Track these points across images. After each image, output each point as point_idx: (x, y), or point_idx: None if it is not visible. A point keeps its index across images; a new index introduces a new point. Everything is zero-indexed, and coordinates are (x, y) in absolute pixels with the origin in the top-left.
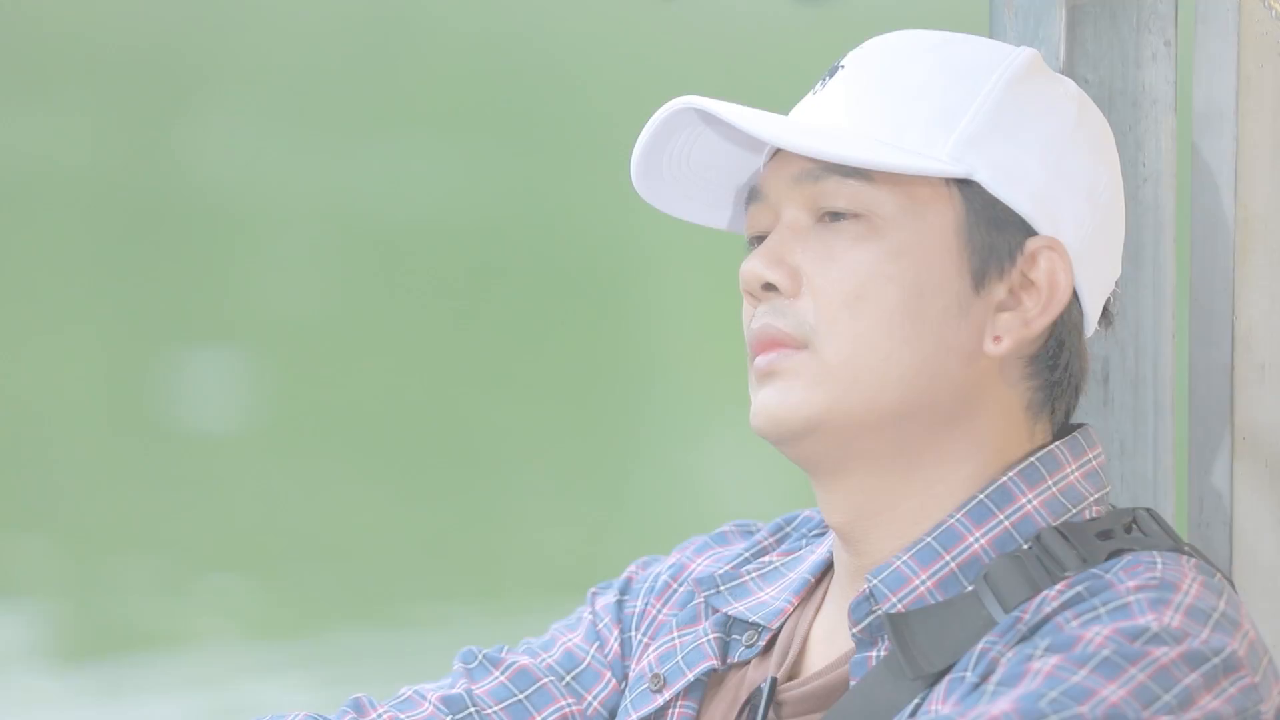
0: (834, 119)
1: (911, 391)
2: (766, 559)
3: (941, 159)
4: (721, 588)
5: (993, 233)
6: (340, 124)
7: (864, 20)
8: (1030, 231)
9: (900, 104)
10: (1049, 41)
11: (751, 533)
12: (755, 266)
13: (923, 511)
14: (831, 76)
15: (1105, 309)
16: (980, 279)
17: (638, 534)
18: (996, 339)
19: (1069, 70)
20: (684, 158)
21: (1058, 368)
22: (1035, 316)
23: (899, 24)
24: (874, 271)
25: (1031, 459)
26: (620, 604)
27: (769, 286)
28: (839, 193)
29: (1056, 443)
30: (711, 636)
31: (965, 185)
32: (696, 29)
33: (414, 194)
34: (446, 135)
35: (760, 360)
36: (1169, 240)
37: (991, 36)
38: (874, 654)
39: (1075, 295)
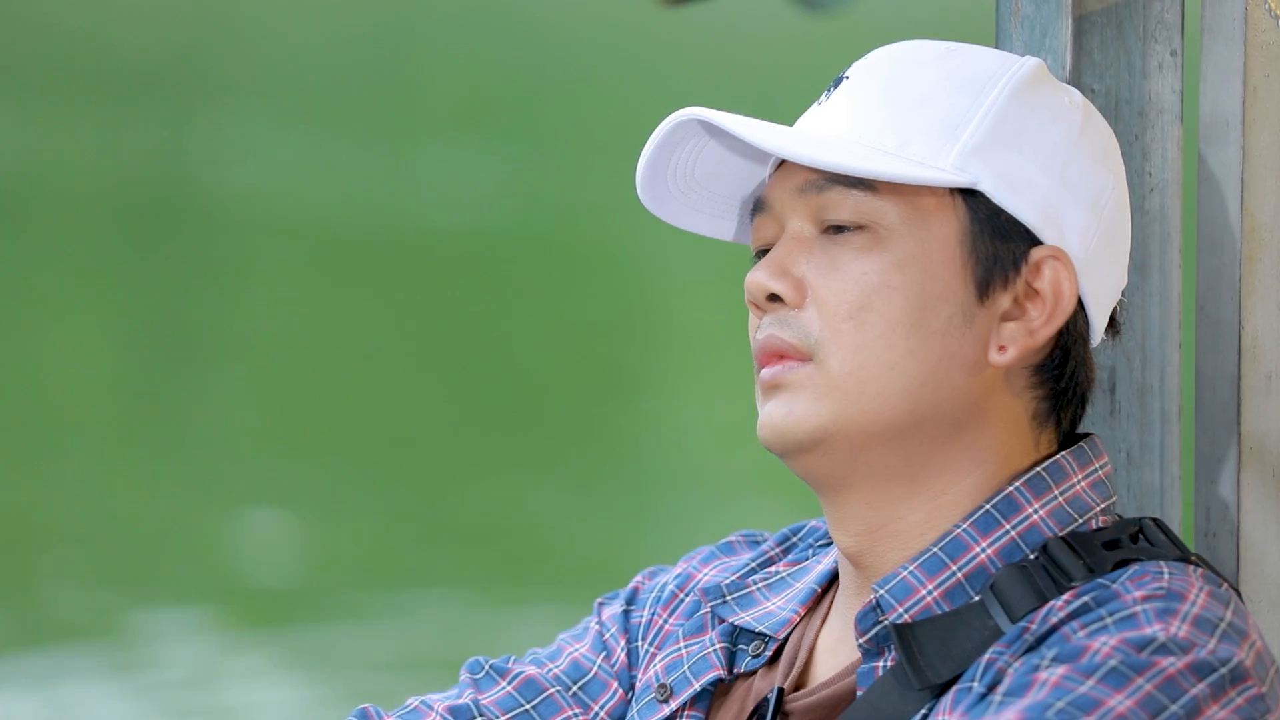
0: (838, 129)
1: (916, 402)
2: (773, 569)
3: (945, 169)
4: (728, 598)
5: (997, 242)
6: (358, 131)
7: (869, 31)
8: (1035, 241)
9: (904, 114)
10: (1055, 51)
11: (758, 543)
12: (760, 277)
13: (929, 522)
14: (836, 87)
15: (1112, 318)
16: (984, 289)
17: (655, 545)
18: (1001, 349)
19: (1075, 80)
20: (689, 169)
21: (1063, 377)
22: (1040, 326)
23: (904, 34)
24: (878, 282)
25: (1038, 469)
26: (627, 614)
27: (774, 297)
28: (843, 203)
29: (1063, 452)
30: (718, 646)
31: (969, 195)
32: (702, 37)
33: (425, 199)
34: (466, 143)
35: (766, 373)
36: (1175, 250)
37: (998, 46)
38: (881, 664)
39: (1081, 305)
